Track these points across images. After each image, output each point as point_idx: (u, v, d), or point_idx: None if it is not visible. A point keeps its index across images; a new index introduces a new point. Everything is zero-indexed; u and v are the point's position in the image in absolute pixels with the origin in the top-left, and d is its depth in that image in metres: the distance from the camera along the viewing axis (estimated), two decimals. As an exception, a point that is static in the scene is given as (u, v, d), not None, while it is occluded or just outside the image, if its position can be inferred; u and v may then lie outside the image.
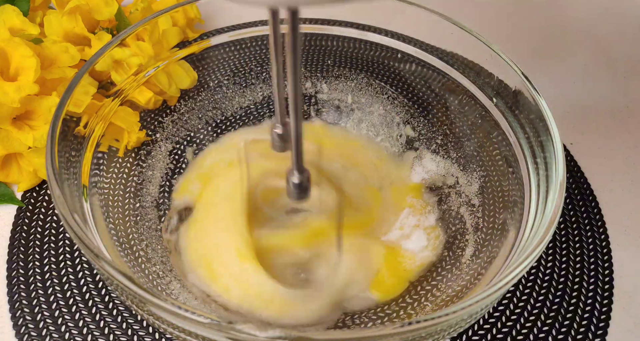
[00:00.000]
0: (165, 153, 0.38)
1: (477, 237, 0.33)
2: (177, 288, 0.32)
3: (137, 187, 0.36)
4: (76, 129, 0.30)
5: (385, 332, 0.22)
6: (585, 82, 0.49)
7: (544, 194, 0.29)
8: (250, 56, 0.40)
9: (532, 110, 0.31)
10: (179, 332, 0.24)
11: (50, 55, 0.37)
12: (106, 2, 0.40)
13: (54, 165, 0.27)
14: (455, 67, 0.36)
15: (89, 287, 0.34)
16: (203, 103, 0.40)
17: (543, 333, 0.34)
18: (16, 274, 0.35)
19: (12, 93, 0.34)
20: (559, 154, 0.28)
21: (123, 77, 0.35)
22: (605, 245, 0.38)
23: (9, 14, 0.38)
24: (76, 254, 0.36)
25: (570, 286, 0.36)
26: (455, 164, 0.37)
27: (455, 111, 0.37)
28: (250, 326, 0.21)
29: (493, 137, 0.34)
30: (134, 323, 0.33)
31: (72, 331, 0.32)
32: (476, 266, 0.31)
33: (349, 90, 0.41)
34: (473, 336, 0.33)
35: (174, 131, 0.39)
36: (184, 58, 0.38)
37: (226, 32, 0.39)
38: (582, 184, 0.41)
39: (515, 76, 0.32)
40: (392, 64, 0.39)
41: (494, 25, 0.55)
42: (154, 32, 0.36)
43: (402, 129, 0.40)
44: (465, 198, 0.36)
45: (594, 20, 0.56)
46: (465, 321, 0.25)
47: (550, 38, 0.54)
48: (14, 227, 0.37)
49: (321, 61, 0.41)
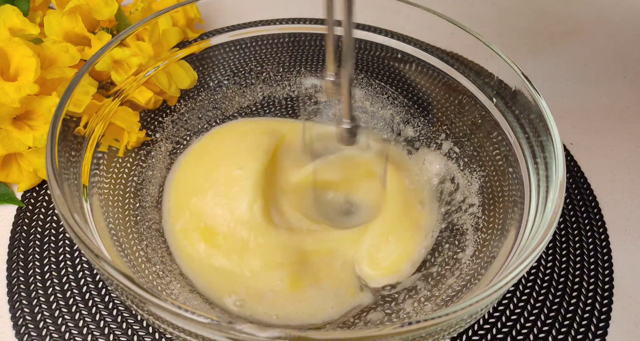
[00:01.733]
0: (165, 153, 0.38)
1: (477, 237, 0.33)
2: (177, 288, 0.32)
3: (137, 187, 0.36)
4: (76, 129, 0.30)
5: (385, 332, 0.22)
6: (585, 82, 0.49)
7: (544, 194, 0.29)
8: (250, 56, 0.40)
9: (532, 110, 0.31)
10: (179, 332, 0.24)
11: (50, 55, 0.37)
12: (106, 2, 0.40)
13: (54, 165, 0.27)
14: (455, 67, 0.36)
15: (89, 287, 0.34)
16: (203, 103, 0.40)
17: (543, 333, 0.34)
18: (16, 274, 0.35)
19: (12, 93, 0.34)
20: (559, 154, 0.28)
21: (123, 77, 0.35)
22: (605, 245, 0.38)
23: (9, 14, 0.38)
24: (76, 254, 0.36)
25: (570, 286, 0.36)
26: (455, 164, 0.37)
27: (455, 111, 0.37)
28: (250, 326, 0.21)
29: (493, 137, 0.34)
30: (134, 323, 0.33)
31: (72, 331, 0.32)
32: (476, 266, 0.31)
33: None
34: (473, 336, 0.33)
35: (174, 131, 0.39)
36: (184, 58, 0.38)
37: (226, 32, 0.39)
38: (582, 184, 0.41)
39: (515, 76, 0.32)
40: (392, 64, 0.39)
41: (494, 25, 0.55)
42: (154, 32, 0.36)
43: (402, 129, 0.40)
44: (465, 198, 0.36)
45: (594, 20, 0.56)
46: (465, 321, 0.25)
47: (550, 38, 0.54)
48: (14, 227, 0.37)
49: (321, 61, 0.41)
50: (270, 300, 0.32)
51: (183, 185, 0.37)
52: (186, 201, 0.36)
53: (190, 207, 0.35)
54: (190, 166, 0.38)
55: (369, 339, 0.22)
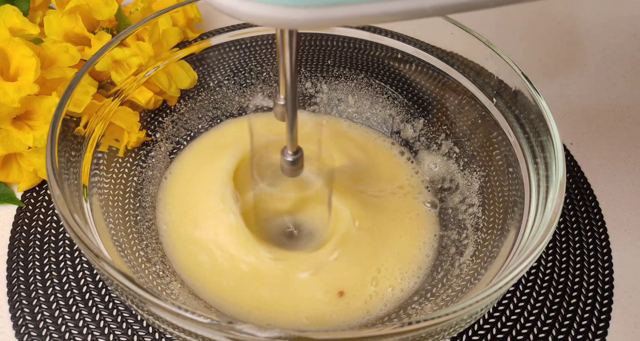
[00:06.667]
0: (165, 153, 0.38)
1: (477, 237, 0.33)
2: (177, 288, 0.32)
3: (137, 187, 0.36)
4: (76, 129, 0.30)
5: (385, 332, 0.22)
6: (585, 82, 0.49)
7: (544, 194, 0.29)
8: (250, 56, 0.40)
9: (532, 110, 0.31)
10: (179, 332, 0.24)
11: (50, 55, 0.37)
12: (106, 2, 0.40)
13: (54, 165, 0.27)
14: (455, 67, 0.36)
15: (89, 287, 0.34)
16: (203, 103, 0.40)
17: (543, 333, 0.34)
18: (16, 274, 0.35)
19: (12, 93, 0.34)
20: (559, 154, 0.28)
21: (123, 77, 0.35)
22: (605, 245, 0.38)
23: (9, 14, 0.38)
24: (76, 254, 0.36)
25: (570, 286, 0.36)
26: (455, 164, 0.37)
27: (455, 111, 0.37)
28: (250, 326, 0.21)
29: (493, 137, 0.34)
30: (134, 323, 0.33)
31: (72, 331, 0.32)
32: (476, 266, 0.31)
33: (349, 90, 0.41)
34: (473, 336, 0.33)
35: (174, 131, 0.39)
36: (184, 58, 0.38)
37: (226, 32, 0.39)
38: (582, 184, 0.41)
39: (515, 76, 0.32)
40: (392, 64, 0.39)
41: (494, 25, 0.55)
42: (154, 32, 0.36)
43: (402, 129, 0.40)
44: (465, 198, 0.36)
45: (594, 20, 0.56)
46: (465, 321, 0.25)
47: (550, 38, 0.54)
48: (14, 227, 0.37)
49: (321, 61, 0.41)
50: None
51: (181, 187, 0.37)
52: (185, 202, 0.36)
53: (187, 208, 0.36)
54: (190, 166, 0.38)
55: (369, 339, 0.22)
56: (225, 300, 0.32)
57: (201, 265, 0.33)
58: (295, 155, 0.28)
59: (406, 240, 0.35)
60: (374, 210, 0.36)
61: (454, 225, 0.36)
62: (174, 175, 0.38)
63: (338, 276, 0.33)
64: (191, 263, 0.34)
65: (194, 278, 0.33)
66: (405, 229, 0.36)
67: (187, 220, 0.35)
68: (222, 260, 0.33)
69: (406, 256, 0.35)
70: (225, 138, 0.40)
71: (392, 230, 0.36)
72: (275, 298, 0.32)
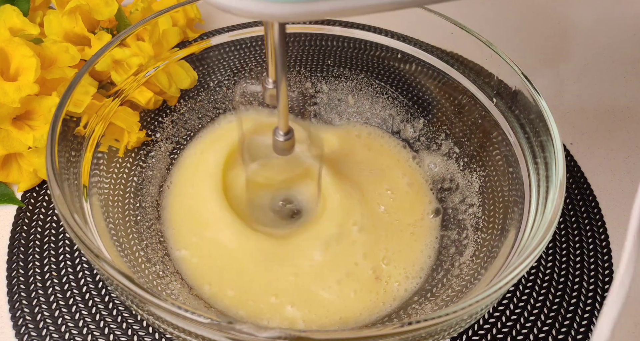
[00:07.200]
0: (165, 153, 0.38)
1: (477, 237, 0.33)
2: (177, 288, 0.32)
3: (137, 187, 0.36)
4: (76, 129, 0.30)
5: (385, 332, 0.22)
6: (585, 82, 0.49)
7: (544, 194, 0.29)
8: (250, 56, 0.40)
9: (532, 110, 0.31)
10: (179, 332, 0.24)
11: (50, 55, 0.37)
12: (106, 2, 0.40)
13: (54, 165, 0.27)
14: (455, 67, 0.36)
15: (89, 287, 0.34)
16: (203, 103, 0.40)
17: (543, 333, 0.34)
18: (16, 274, 0.35)
19: (12, 93, 0.34)
20: (559, 154, 0.28)
21: (123, 77, 0.35)
22: (605, 245, 0.38)
23: (9, 14, 0.38)
24: (76, 254, 0.36)
25: (570, 286, 0.36)
26: (455, 164, 0.37)
27: (455, 111, 0.37)
28: (250, 326, 0.21)
29: (493, 137, 0.34)
30: (134, 323, 0.33)
31: (72, 331, 0.32)
32: (476, 266, 0.31)
33: (349, 90, 0.41)
34: (473, 336, 0.33)
35: (174, 131, 0.39)
36: (184, 58, 0.38)
37: (226, 32, 0.39)
38: (582, 184, 0.41)
39: (515, 76, 0.32)
40: (392, 64, 0.39)
41: (494, 25, 0.55)
42: (154, 32, 0.36)
43: (402, 129, 0.40)
44: (465, 198, 0.36)
45: (594, 20, 0.56)
46: (465, 321, 0.25)
47: (550, 38, 0.54)
48: (14, 227, 0.37)
49: (321, 61, 0.41)
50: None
51: (181, 187, 0.37)
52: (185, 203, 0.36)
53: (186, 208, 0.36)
54: (190, 167, 0.38)
55: (369, 339, 0.22)
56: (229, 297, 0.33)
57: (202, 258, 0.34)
58: (286, 135, 0.29)
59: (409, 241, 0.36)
60: (377, 212, 0.37)
61: (454, 225, 0.36)
62: (175, 178, 0.38)
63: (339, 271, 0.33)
64: (191, 263, 0.34)
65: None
66: (405, 236, 0.36)
67: (188, 220, 0.36)
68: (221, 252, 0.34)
69: (409, 257, 0.35)
70: (219, 132, 0.41)
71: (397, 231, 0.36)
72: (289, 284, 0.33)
